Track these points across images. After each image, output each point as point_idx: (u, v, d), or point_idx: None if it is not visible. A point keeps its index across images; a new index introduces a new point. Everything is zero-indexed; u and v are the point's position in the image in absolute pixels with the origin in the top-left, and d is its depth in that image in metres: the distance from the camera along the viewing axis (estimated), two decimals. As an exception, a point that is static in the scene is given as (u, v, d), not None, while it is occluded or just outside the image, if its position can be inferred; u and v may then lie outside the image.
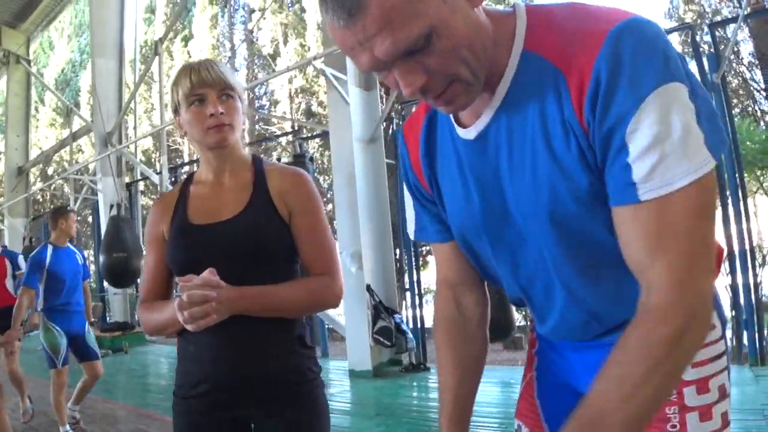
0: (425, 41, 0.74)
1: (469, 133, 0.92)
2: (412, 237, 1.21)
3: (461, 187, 0.98)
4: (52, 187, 20.71)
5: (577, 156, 0.79)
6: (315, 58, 6.04)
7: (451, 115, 0.94)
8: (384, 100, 6.76)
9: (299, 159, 5.95)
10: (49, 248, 4.42)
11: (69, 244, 4.63)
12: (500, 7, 0.90)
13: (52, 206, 18.69)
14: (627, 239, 0.77)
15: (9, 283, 5.68)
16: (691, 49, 6.06)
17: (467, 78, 0.80)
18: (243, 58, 18.76)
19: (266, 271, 1.36)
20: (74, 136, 13.88)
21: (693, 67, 4.43)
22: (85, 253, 17.90)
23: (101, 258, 8.77)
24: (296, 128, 9.66)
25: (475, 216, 0.97)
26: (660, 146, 0.70)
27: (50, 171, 23.03)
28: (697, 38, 5.89)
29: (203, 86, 1.35)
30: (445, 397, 1.13)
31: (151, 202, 18.76)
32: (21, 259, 5.92)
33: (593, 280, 0.90)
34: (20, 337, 4.49)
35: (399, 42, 0.73)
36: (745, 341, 4.96)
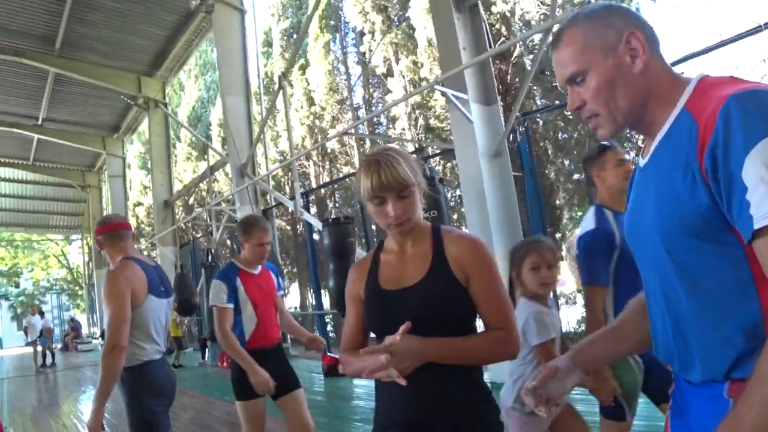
0: (580, 78, 1.12)
1: (644, 161, 1.16)
2: None
3: (632, 206, 1.22)
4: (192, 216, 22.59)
5: (689, 190, 0.98)
6: (436, 82, 6.21)
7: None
8: (505, 113, 6.80)
9: (430, 182, 6.08)
10: None
11: None
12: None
13: (196, 234, 20.28)
14: (766, 267, 0.90)
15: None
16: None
17: (605, 116, 1.13)
18: (358, 78, 19.40)
19: (448, 328, 1.51)
20: (212, 170, 15.04)
21: None
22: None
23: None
24: (419, 147, 9.89)
25: (628, 229, 1.24)
26: (766, 184, 0.85)
27: (190, 201, 25.05)
28: None
29: (382, 190, 1.50)
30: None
31: (284, 224, 19.81)
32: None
33: (681, 298, 1.05)
34: None
35: (563, 73, 1.16)
36: None
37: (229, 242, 21.13)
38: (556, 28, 5.55)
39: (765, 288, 0.94)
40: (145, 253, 24.03)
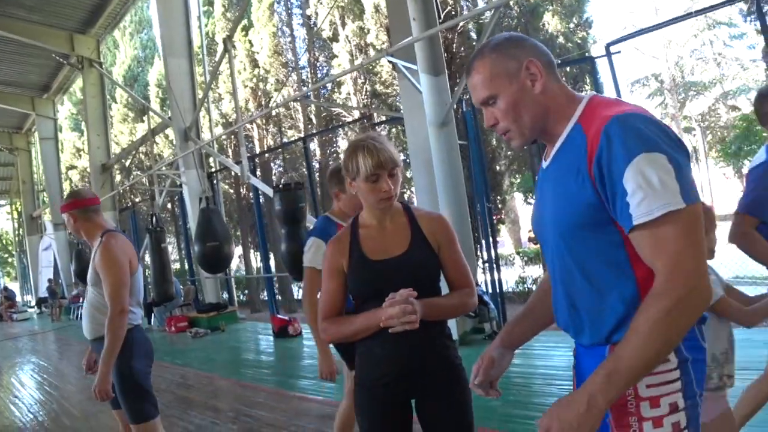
0: (492, 101, 1.35)
1: (546, 164, 1.42)
2: None
3: (537, 200, 1.49)
4: (131, 179, 21.96)
5: (579, 191, 1.24)
6: (387, 53, 6.38)
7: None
8: (450, 81, 7.05)
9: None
10: None
11: None
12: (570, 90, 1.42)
13: (135, 198, 19.83)
14: (643, 255, 1.17)
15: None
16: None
17: (514, 130, 1.36)
18: (302, 41, 19.21)
19: (426, 291, 1.80)
20: (153, 132, 14.69)
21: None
22: (176, 242, 18.78)
23: (196, 247, 9.47)
24: (368, 114, 10.04)
25: (534, 220, 1.51)
26: (642, 191, 1.11)
27: (127, 164, 24.31)
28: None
29: (379, 168, 1.78)
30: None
31: (230, 190, 19.61)
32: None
33: (574, 277, 1.32)
34: None
35: (477, 96, 1.38)
36: None
37: (170, 206, 20.74)
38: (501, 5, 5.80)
39: (639, 266, 1.20)
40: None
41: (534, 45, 1.36)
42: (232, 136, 18.43)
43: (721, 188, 26.31)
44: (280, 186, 7.40)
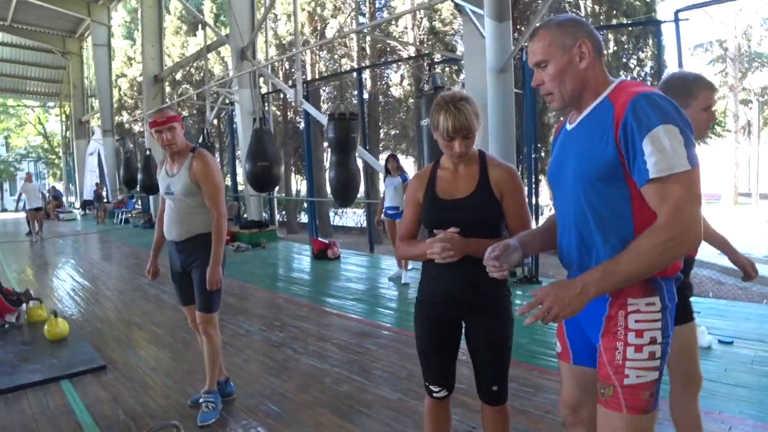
0: (544, 65, 1.61)
1: (571, 126, 1.68)
2: None
3: (557, 155, 1.75)
4: (180, 93, 22.26)
5: (603, 150, 1.51)
6: (456, -7, 6.42)
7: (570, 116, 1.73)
8: (516, 33, 7.06)
9: (438, 91, 6.37)
10: None
11: None
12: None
13: (183, 112, 20.22)
14: (651, 203, 1.45)
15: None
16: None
17: (556, 94, 1.62)
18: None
19: (485, 232, 2.05)
20: (208, 49, 14.88)
21: None
22: (219, 158, 19.12)
23: (247, 165, 9.80)
24: (425, 53, 10.05)
25: (552, 171, 1.78)
26: (659, 153, 1.39)
27: (177, 77, 24.61)
28: None
29: (455, 132, 2.02)
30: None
31: (277, 112, 19.83)
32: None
33: (588, 220, 1.59)
34: None
35: (533, 59, 1.64)
36: None
37: (215, 122, 21.14)
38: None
39: (639, 217, 1.49)
40: (136, 127, 23.91)
41: (591, 31, 1.61)
42: (284, 59, 18.52)
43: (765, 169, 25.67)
44: (336, 114, 7.59)
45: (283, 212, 21.20)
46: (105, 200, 22.09)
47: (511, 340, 2.19)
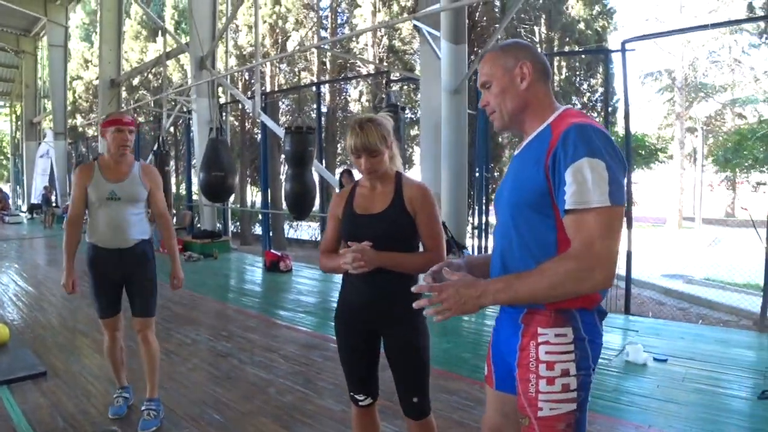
0: (488, 85, 1.69)
1: (517, 152, 1.73)
2: None
3: (503, 180, 1.80)
4: (136, 99, 21.91)
5: (535, 177, 1.54)
6: (414, 17, 6.60)
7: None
8: (473, 55, 7.28)
9: (392, 108, 6.57)
10: None
11: None
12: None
13: (138, 119, 19.90)
14: (569, 232, 1.46)
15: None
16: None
17: (498, 113, 1.69)
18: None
19: (399, 246, 2.18)
20: (168, 56, 14.74)
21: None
22: (173, 167, 18.84)
23: (201, 175, 9.74)
24: (384, 71, 10.21)
25: (496, 195, 1.82)
26: (578, 185, 1.41)
27: (134, 82, 24.21)
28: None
29: (358, 151, 2.17)
30: None
31: (234, 122, 19.71)
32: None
33: (511, 246, 1.63)
34: None
35: (480, 80, 1.72)
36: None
37: (172, 130, 20.89)
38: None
39: (563, 247, 1.48)
40: (90, 131, 23.33)
41: (534, 53, 1.69)
42: (244, 70, 18.46)
43: (707, 194, 26.74)
44: (293, 128, 7.66)
45: (238, 223, 21.02)
46: (54, 204, 21.47)
47: (428, 351, 2.28)
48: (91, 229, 3.36)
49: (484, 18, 12.96)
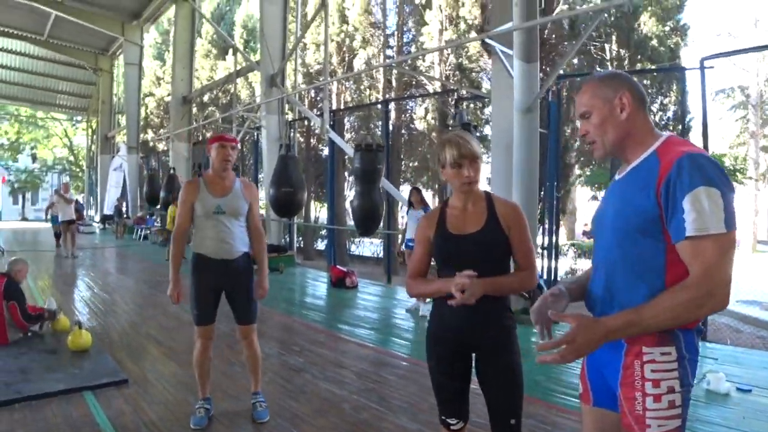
0: (588, 116, 1.72)
1: (619, 177, 1.75)
2: None
3: (602, 203, 1.84)
4: (206, 115, 22.63)
5: (644, 203, 1.56)
6: (487, 35, 6.59)
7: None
8: (542, 74, 7.20)
9: (465, 127, 6.54)
10: None
11: None
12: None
13: (208, 134, 20.56)
14: (685, 259, 1.49)
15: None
16: None
17: (599, 143, 1.72)
18: (393, 3, 19.28)
19: (495, 266, 2.17)
20: (238, 74, 15.21)
21: None
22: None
23: (271, 190, 9.94)
24: (451, 89, 10.24)
25: (596, 218, 1.84)
26: (697, 213, 1.44)
27: (204, 99, 25.08)
28: None
29: (462, 158, 2.18)
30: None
31: (300, 138, 20.16)
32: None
33: (616, 269, 1.64)
34: None
35: (579, 110, 1.75)
36: None
37: (239, 146, 21.52)
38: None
39: (670, 272, 1.52)
40: (160, 146, 24.26)
41: (632, 83, 1.71)
42: (312, 89, 18.82)
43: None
44: (363, 146, 7.73)
45: (300, 238, 21.35)
46: (125, 216, 22.36)
47: (522, 370, 2.24)
48: (199, 241, 3.55)
49: (553, 36, 12.83)
